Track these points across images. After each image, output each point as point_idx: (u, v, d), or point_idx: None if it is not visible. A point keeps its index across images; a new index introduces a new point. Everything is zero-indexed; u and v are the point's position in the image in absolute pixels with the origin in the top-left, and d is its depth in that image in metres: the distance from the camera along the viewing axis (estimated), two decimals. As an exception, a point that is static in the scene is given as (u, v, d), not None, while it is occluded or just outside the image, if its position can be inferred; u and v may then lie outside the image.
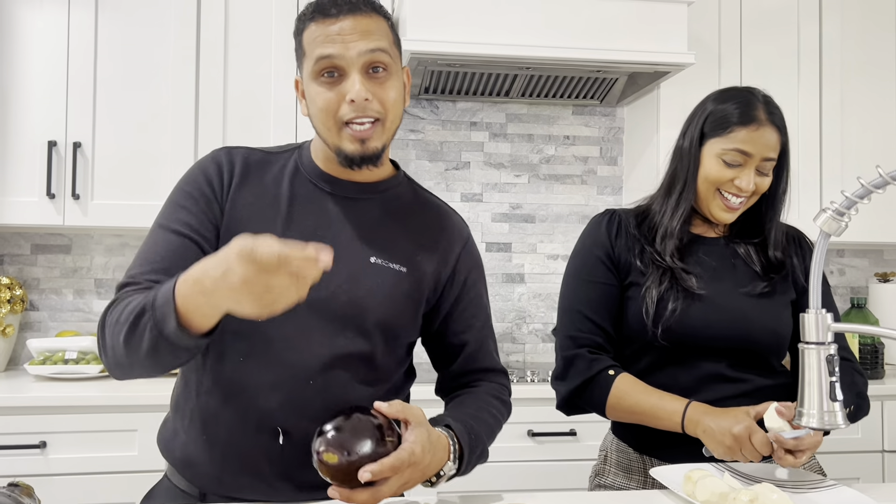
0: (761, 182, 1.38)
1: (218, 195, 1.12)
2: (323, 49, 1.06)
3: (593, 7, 2.27)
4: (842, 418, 0.90)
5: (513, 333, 2.80)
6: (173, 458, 1.16)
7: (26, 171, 2.26)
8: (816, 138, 2.62)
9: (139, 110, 2.32)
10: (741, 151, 1.35)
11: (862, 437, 2.32)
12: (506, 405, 1.25)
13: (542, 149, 2.83)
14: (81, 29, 2.29)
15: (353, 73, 1.06)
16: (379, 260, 1.14)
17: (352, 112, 1.06)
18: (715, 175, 1.37)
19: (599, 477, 1.48)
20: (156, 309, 0.91)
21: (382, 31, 1.10)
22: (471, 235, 1.28)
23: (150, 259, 1.06)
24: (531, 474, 2.17)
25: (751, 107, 1.37)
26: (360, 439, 0.93)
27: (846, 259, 3.03)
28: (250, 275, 0.80)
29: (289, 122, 2.37)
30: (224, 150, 1.17)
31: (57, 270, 2.59)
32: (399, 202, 1.21)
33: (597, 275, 1.42)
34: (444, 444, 1.04)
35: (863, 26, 2.67)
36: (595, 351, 1.40)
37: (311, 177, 1.17)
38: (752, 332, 1.36)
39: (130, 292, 1.01)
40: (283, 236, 1.04)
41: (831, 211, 0.90)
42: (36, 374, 2.22)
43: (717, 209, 1.39)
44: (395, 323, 1.15)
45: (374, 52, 1.07)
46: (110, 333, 0.99)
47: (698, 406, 1.28)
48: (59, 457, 1.98)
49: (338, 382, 1.10)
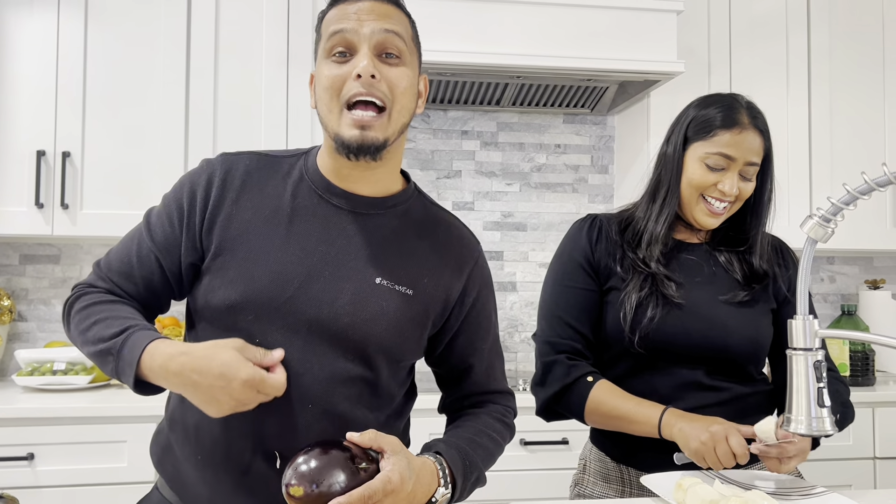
0: (745, 187, 1.38)
1: (201, 217, 1.08)
2: (337, 25, 1.04)
3: (583, 16, 2.28)
4: (830, 424, 0.90)
5: (505, 342, 2.80)
6: (165, 472, 1.14)
7: (14, 180, 2.25)
8: (805, 145, 2.64)
9: (129, 119, 2.31)
10: (724, 155, 1.35)
11: (853, 443, 2.32)
12: (508, 427, 1.21)
13: (533, 157, 2.84)
14: (71, 37, 2.29)
15: (364, 49, 1.02)
16: (385, 281, 1.08)
17: (357, 87, 1.01)
18: (699, 179, 1.37)
19: (579, 486, 1.48)
20: (121, 359, 0.98)
21: (401, 21, 1.07)
22: (482, 252, 1.22)
23: (122, 259, 1.11)
24: (524, 483, 2.16)
25: (734, 111, 1.37)
26: (329, 471, 0.91)
27: (836, 266, 3.04)
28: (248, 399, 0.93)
29: (279, 133, 2.37)
30: (220, 160, 1.12)
31: (46, 280, 2.57)
32: (408, 219, 1.15)
33: (576, 280, 1.42)
34: (430, 469, 1.01)
35: (851, 34, 2.69)
36: (574, 357, 1.40)
37: (316, 187, 1.11)
38: (729, 340, 1.35)
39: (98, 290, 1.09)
40: (282, 253, 1.05)
41: (818, 217, 0.90)
42: (24, 386, 2.20)
43: (700, 214, 1.39)
44: (399, 348, 1.10)
45: (387, 34, 1.03)
46: (76, 330, 1.06)
47: (675, 411, 1.28)
48: (47, 469, 1.97)
49: (337, 407, 1.06)
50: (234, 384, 0.92)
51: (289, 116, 2.37)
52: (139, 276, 1.09)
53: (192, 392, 0.96)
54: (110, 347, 0.99)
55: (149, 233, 1.10)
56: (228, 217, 1.08)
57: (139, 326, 1.01)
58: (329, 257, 1.06)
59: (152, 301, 1.11)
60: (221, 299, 1.05)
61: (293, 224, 1.08)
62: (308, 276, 1.05)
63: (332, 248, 1.07)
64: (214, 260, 1.07)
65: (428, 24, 2.20)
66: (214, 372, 0.92)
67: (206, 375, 0.93)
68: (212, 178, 1.10)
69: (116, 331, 1.00)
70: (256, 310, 1.04)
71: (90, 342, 1.02)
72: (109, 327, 1.01)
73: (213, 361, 0.93)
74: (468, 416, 1.18)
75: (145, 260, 1.09)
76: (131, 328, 1.00)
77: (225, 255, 1.06)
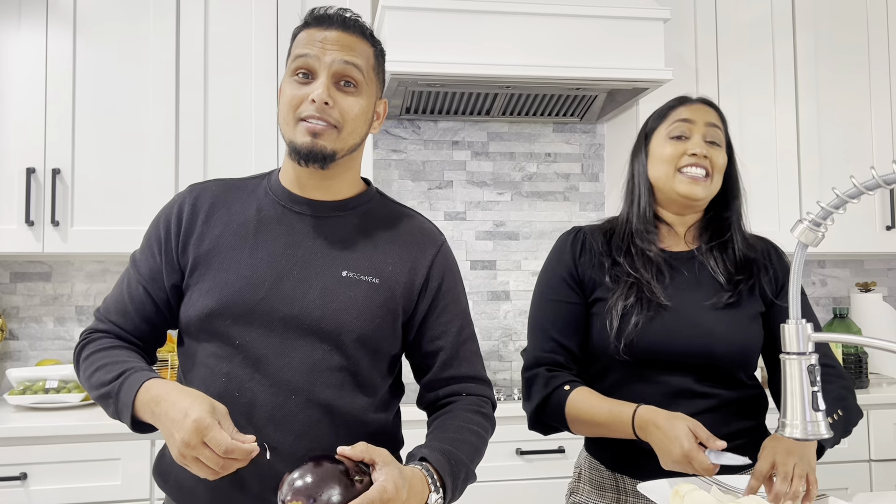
0: (715, 153, 1.41)
1: (175, 241, 1.18)
2: (302, 49, 1.14)
3: (571, 26, 2.29)
4: (825, 428, 0.90)
5: (499, 351, 2.79)
6: (166, 485, 1.19)
7: (4, 198, 2.24)
8: (794, 150, 2.66)
9: (119, 136, 2.30)
10: (683, 120, 1.42)
11: (849, 447, 2.33)
12: (488, 419, 1.23)
13: (523, 166, 2.85)
14: (60, 54, 2.28)
15: (322, 77, 1.12)
16: (351, 273, 1.16)
17: (311, 110, 1.11)
18: (668, 153, 1.41)
19: (574, 495, 1.48)
20: (119, 401, 1.07)
21: (364, 53, 1.16)
22: (445, 242, 1.28)
23: (116, 299, 1.21)
24: (521, 493, 2.16)
25: (685, 96, 1.47)
26: (326, 484, 0.92)
27: (827, 270, 3.06)
28: (193, 442, 0.95)
29: (270, 147, 2.37)
30: (188, 190, 1.23)
31: (37, 298, 2.56)
32: (369, 217, 1.23)
33: (560, 294, 1.43)
34: (420, 478, 1.03)
35: (836, 39, 2.71)
36: (553, 368, 1.40)
37: (279, 199, 1.21)
38: (715, 346, 1.35)
39: (98, 335, 1.18)
40: (252, 259, 1.14)
41: (808, 222, 0.91)
42: (16, 405, 2.18)
43: (682, 185, 1.40)
44: (373, 335, 1.16)
45: (346, 65, 1.13)
46: (84, 376, 1.15)
47: (645, 411, 1.27)
48: (40, 488, 1.95)
49: (320, 395, 1.12)
50: (187, 421, 0.96)
51: (279, 130, 2.37)
52: (133, 310, 1.19)
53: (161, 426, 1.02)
54: (110, 391, 1.08)
55: (136, 269, 1.21)
56: (200, 236, 1.17)
57: (135, 369, 1.09)
58: (296, 258, 1.15)
59: (149, 333, 1.21)
60: (200, 309, 1.13)
61: (260, 233, 1.17)
62: (277, 277, 1.14)
63: (298, 250, 1.16)
64: (191, 276, 1.16)
65: (417, 37, 2.21)
66: (179, 406, 0.99)
67: (172, 408, 0.99)
68: (182, 205, 1.20)
69: (114, 375, 1.09)
70: (233, 313, 1.12)
71: (94, 387, 1.12)
72: (109, 372, 1.10)
73: (186, 399, 1.00)
74: (446, 415, 1.20)
75: (136, 294, 1.19)
76: (127, 371, 1.09)
77: (200, 269, 1.16)
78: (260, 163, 2.35)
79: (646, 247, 1.41)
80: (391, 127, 2.77)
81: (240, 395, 1.11)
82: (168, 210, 1.21)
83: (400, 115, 2.71)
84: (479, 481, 2.09)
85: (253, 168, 2.34)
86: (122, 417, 1.08)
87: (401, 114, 2.68)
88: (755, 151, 2.61)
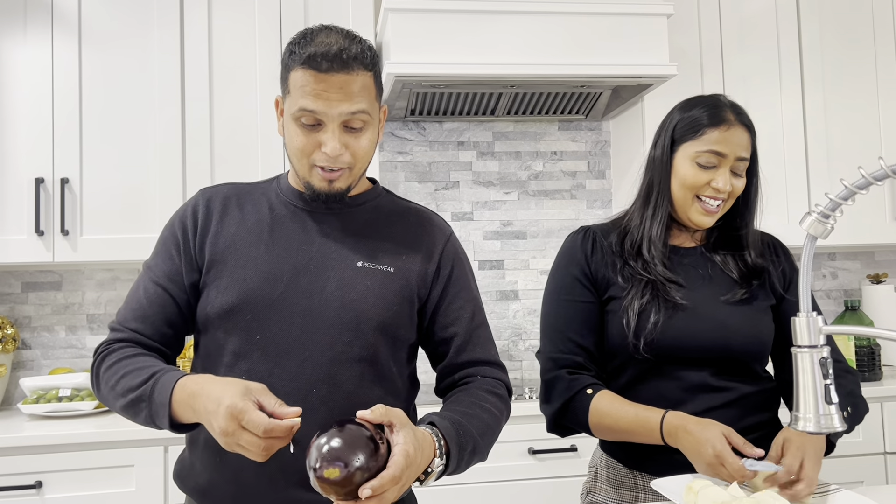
0: (737, 183, 1.39)
1: (193, 240, 1.20)
2: (306, 102, 1.12)
3: (574, 23, 2.29)
4: (838, 421, 0.89)
5: (509, 351, 2.79)
6: (189, 489, 1.20)
7: (14, 208, 2.26)
8: (801, 142, 2.64)
9: (126, 144, 2.32)
10: (715, 152, 1.36)
11: (863, 439, 2.31)
12: (503, 400, 1.24)
13: (530, 165, 2.85)
14: (66, 64, 2.30)
15: (331, 127, 1.13)
16: (366, 264, 1.19)
17: (324, 160, 1.14)
18: (692, 179, 1.37)
19: (591, 494, 1.47)
20: (153, 402, 1.05)
21: (367, 89, 1.15)
22: (453, 233, 1.31)
23: (133, 307, 1.19)
24: (533, 492, 2.15)
25: (719, 109, 1.39)
26: (355, 449, 0.93)
27: (838, 262, 3.04)
28: (231, 429, 0.94)
29: (276, 153, 2.38)
30: (200, 193, 1.26)
31: (48, 307, 2.57)
32: (379, 211, 1.27)
33: (574, 294, 1.42)
34: (429, 441, 1.04)
35: (841, 30, 2.70)
36: (574, 371, 1.39)
37: (290, 199, 1.24)
38: (732, 339, 1.35)
39: (119, 345, 1.16)
40: (269, 255, 1.17)
41: (816, 214, 0.90)
42: (30, 413, 2.20)
43: (695, 214, 1.39)
44: (392, 322, 1.18)
45: (354, 114, 1.13)
46: (106, 388, 1.12)
47: (674, 417, 1.27)
48: (55, 496, 1.96)
49: (343, 387, 1.14)
50: (221, 409, 0.96)
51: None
52: (153, 314, 1.17)
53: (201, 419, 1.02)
54: (141, 395, 1.06)
55: (150, 274, 1.20)
56: (216, 234, 1.20)
57: (165, 370, 1.08)
58: (311, 253, 1.18)
59: (171, 337, 1.20)
60: (220, 305, 1.15)
61: (274, 231, 1.20)
62: (295, 272, 1.16)
63: (312, 245, 1.19)
64: (208, 273, 1.18)
65: (421, 38, 2.21)
66: (213, 396, 0.98)
67: (208, 399, 0.99)
68: (196, 206, 1.23)
69: (144, 378, 1.07)
70: (252, 309, 1.14)
71: (120, 395, 1.09)
72: (137, 377, 1.08)
73: (218, 386, 0.99)
74: (460, 392, 1.22)
75: (155, 297, 1.18)
76: (158, 373, 1.07)
77: (217, 267, 1.18)
78: (266, 168, 2.35)
79: (657, 255, 1.39)
80: (396, 129, 2.77)
81: None
82: (182, 212, 1.24)
83: (405, 117, 2.71)
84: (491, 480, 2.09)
85: (260, 174, 2.35)
86: (157, 420, 1.05)
87: (406, 116, 2.68)
88: (762, 145, 2.57)
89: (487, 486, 2.13)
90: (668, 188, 1.41)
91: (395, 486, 0.95)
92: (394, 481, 0.94)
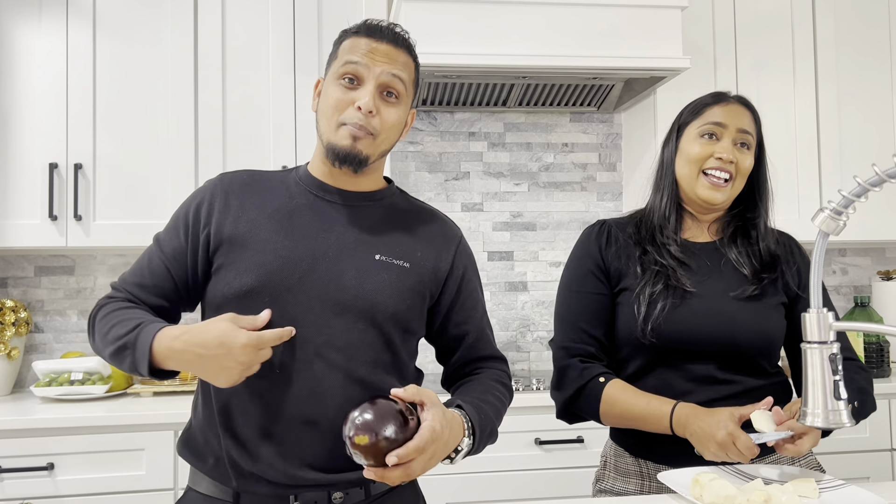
0: (742, 157, 1.41)
1: (203, 225, 1.22)
2: (353, 56, 1.19)
3: (588, 15, 2.28)
4: (846, 417, 0.90)
5: (517, 342, 2.80)
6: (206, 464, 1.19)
7: (28, 193, 2.27)
8: (814, 137, 2.63)
9: (139, 130, 2.33)
10: (716, 123, 1.42)
11: (870, 436, 2.31)
12: (507, 388, 1.32)
13: (540, 157, 2.84)
14: (80, 50, 2.31)
15: (369, 86, 1.18)
16: (383, 257, 1.22)
17: (355, 118, 1.17)
18: (696, 153, 1.42)
19: (600, 482, 1.50)
20: (136, 350, 1.10)
21: (408, 68, 1.24)
22: (463, 236, 1.36)
23: (135, 272, 1.25)
24: (539, 482, 2.16)
25: (722, 93, 1.47)
26: (385, 422, 1.02)
27: (848, 258, 3.03)
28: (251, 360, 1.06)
29: (288, 141, 2.38)
30: (219, 177, 1.28)
31: (61, 292, 2.60)
32: (395, 209, 1.30)
33: (587, 286, 1.45)
34: (458, 421, 1.12)
35: (856, 24, 2.68)
36: (586, 360, 1.43)
37: (310, 188, 1.26)
38: (738, 334, 1.37)
39: (119, 298, 1.23)
40: (288, 241, 1.19)
41: (829, 210, 0.91)
42: (42, 396, 2.22)
43: (703, 189, 1.42)
44: (405, 314, 1.22)
45: (393, 77, 1.20)
46: (99, 336, 1.18)
47: (684, 407, 1.30)
48: (67, 478, 1.98)
49: (358, 371, 1.17)
50: (235, 350, 1.04)
51: (297, 123, 2.39)
52: (151, 284, 1.22)
53: (199, 366, 1.07)
54: (126, 342, 1.11)
55: (158, 247, 1.24)
56: (236, 217, 1.21)
57: (149, 321, 1.13)
58: (330, 242, 1.20)
59: (164, 309, 1.24)
60: (238, 287, 1.17)
61: (294, 218, 1.22)
62: (313, 259, 1.18)
63: (331, 234, 1.21)
64: (227, 255, 1.19)
65: (433, 28, 2.21)
66: (214, 342, 1.05)
67: (208, 347, 1.05)
68: (215, 191, 1.25)
69: (130, 328, 1.12)
70: (271, 292, 1.16)
71: (109, 343, 1.14)
72: (124, 327, 1.13)
73: (210, 333, 1.05)
74: (471, 380, 1.30)
75: (156, 270, 1.23)
76: (142, 323, 1.12)
77: (236, 249, 1.19)
78: (278, 156, 2.36)
79: (666, 240, 1.43)
80: (408, 119, 2.77)
81: (280, 373, 1.15)
82: (200, 194, 1.26)
83: (416, 107, 2.71)
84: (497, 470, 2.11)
85: (271, 161, 2.36)
86: (138, 366, 1.10)
87: (417, 105, 2.68)
88: (774, 140, 2.58)
89: (494, 475, 2.15)
90: (673, 168, 1.47)
91: (421, 456, 1.03)
92: (418, 451, 1.02)
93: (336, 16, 2.43)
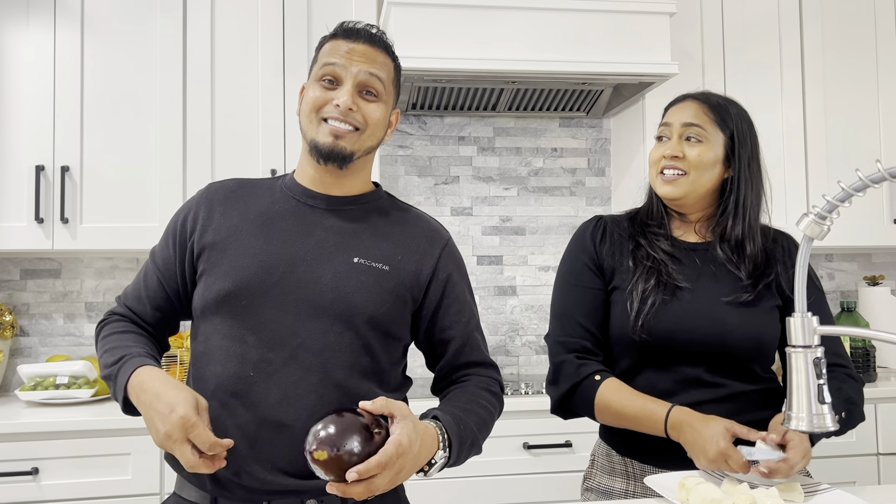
0: (690, 150, 1.43)
1: (190, 235, 1.25)
2: (330, 58, 1.22)
3: (577, 20, 2.29)
4: (830, 421, 0.90)
5: (506, 346, 2.80)
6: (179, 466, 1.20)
7: (14, 195, 2.26)
8: (801, 144, 2.65)
9: (127, 133, 2.32)
10: (664, 124, 1.47)
11: (856, 440, 2.32)
12: (496, 397, 1.29)
13: (530, 161, 2.85)
14: (68, 52, 2.30)
15: (347, 85, 1.21)
16: (362, 260, 1.22)
17: (334, 113, 1.20)
18: (653, 157, 1.48)
19: (587, 481, 1.51)
20: (116, 384, 1.15)
21: (386, 67, 1.26)
22: (451, 239, 1.34)
23: (135, 287, 1.30)
24: (528, 487, 2.16)
25: (682, 95, 1.51)
26: (347, 436, 0.98)
27: (835, 263, 3.05)
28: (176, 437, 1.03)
29: (277, 144, 2.38)
30: (206, 187, 1.31)
31: (47, 295, 2.58)
32: (380, 212, 1.30)
33: (583, 280, 1.46)
34: (432, 434, 1.09)
35: (843, 32, 2.70)
36: (583, 356, 1.42)
37: (294, 194, 1.28)
38: (728, 337, 1.36)
39: (115, 317, 1.28)
40: (267, 245, 1.20)
41: (813, 215, 0.91)
42: (27, 400, 2.20)
43: (660, 187, 1.46)
44: (384, 317, 1.21)
45: (370, 77, 1.22)
46: (98, 357, 1.23)
47: (680, 412, 1.29)
48: (51, 483, 1.97)
49: (335, 375, 1.16)
50: (171, 417, 1.04)
51: (286, 126, 2.38)
52: (146, 297, 1.27)
53: (145, 412, 1.09)
54: (110, 373, 1.17)
55: (153, 261, 1.29)
56: (219, 224, 1.24)
57: (132, 355, 1.16)
58: (309, 246, 1.21)
59: (160, 320, 1.29)
60: (217, 290, 1.19)
61: (275, 223, 1.23)
62: (292, 262, 1.19)
63: (311, 238, 1.22)
64: (208, 261, 1.21)
65: (423, 32, 2.21)
66: (165, 399, 1.06)
67: (159, 400, 1.06)
68: (201, 201, 1.28)
69: (116, 358, 1.17)
70: (248, 295, 1.17)
71: (102, 368, 1.20)
72: (113, 356, 1.18)
73: (170, 392, 1.07)
74: (458, 389, 1.27)
75: (150, 283, 1.28)
76: (126, 357, 1.16)
77: (217, 254, 1.21)
78: (267, 159, 2.36)
79: (654, 239, 1.45)
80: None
81: (255, 375, 1.15)
82: (188, 206, 1.29)
83: (406, 111, 2.71)
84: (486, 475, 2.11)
85: (260, 164, 2.35)
86: (118, 399, 1.16)
87: (407, 109, 2.68)
88: (762, 145, 2.59)
89: (482, 480, 2.14)
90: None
91: (386, 472, 0.99)
92: (380, 467, 0.98)
93: (325, 20, 2.43)
